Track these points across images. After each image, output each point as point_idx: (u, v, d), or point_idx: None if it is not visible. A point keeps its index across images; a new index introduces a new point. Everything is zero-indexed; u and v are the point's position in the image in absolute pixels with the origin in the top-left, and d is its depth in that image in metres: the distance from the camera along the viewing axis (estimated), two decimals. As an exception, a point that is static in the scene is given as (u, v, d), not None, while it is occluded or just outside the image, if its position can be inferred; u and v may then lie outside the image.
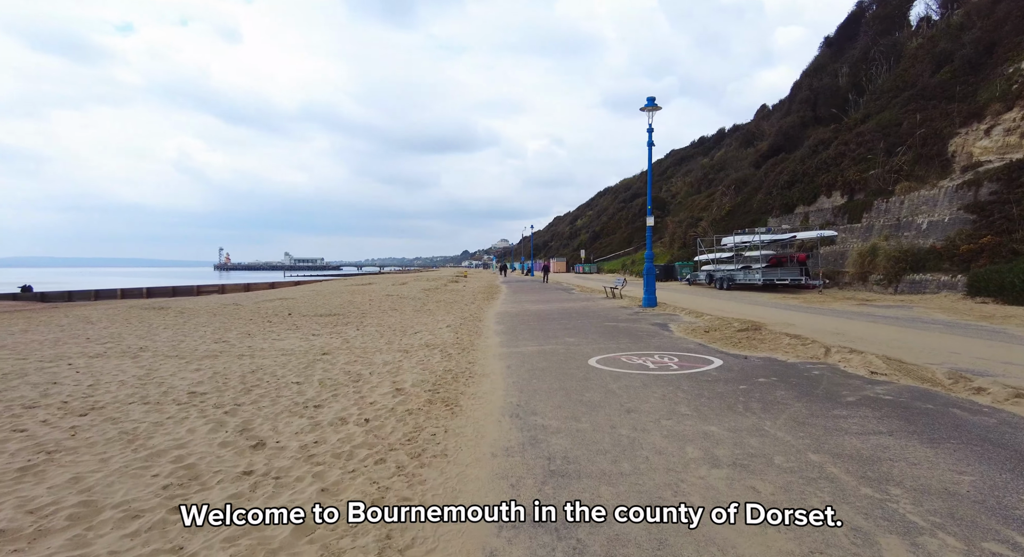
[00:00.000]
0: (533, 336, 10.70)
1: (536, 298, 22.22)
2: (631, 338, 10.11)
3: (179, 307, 20.44)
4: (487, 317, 14.92)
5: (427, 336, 11.11)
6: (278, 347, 9.93)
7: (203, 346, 10.08)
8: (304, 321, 14.56)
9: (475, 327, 12.58)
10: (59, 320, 15.62)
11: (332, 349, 9.57)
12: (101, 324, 14.17)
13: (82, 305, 27.70)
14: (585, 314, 14.79)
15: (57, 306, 33.06)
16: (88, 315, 17.17)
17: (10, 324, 14.64)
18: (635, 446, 4.20)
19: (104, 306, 23.08)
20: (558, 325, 12.40)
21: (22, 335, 12.13)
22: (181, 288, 55.45)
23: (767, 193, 35.69)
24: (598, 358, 8.09)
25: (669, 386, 6.20)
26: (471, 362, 8.08)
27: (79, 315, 17.33)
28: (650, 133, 16.35)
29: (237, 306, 21.15)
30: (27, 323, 14.91)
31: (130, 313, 17.62)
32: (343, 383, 6.77)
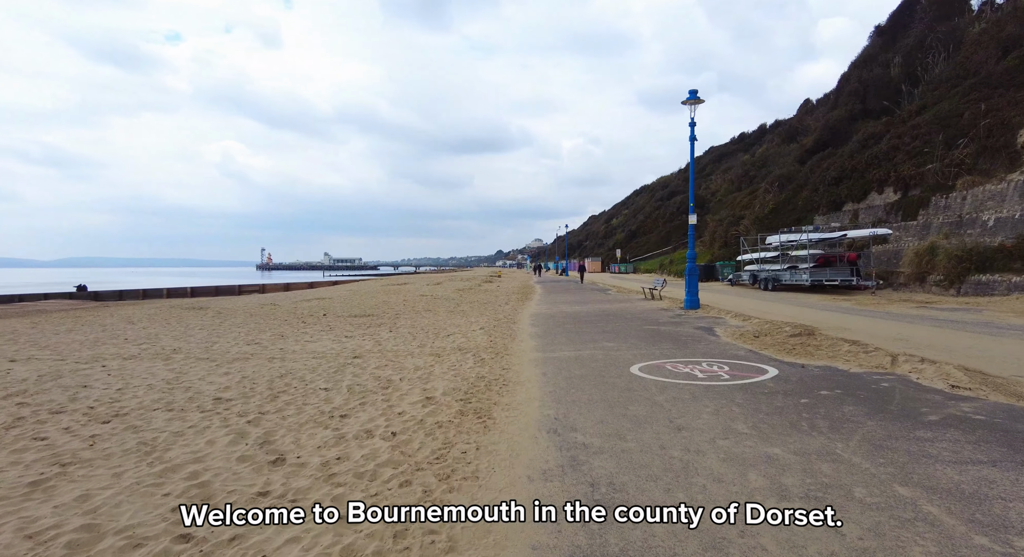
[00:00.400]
0: (569, 340, 10.25)
1: (571, 299, 21.71)
2: (674, 343, 9.56)
3: (218, 307, 20.73)
4: (521, 319, 14.53)
5: (460, 339, 10.78)
6: (310, 349, 9.75)
7: (235, 348, 9.99)
8: (338, 322, 14.45)
9: (509, 329, 12.20)
10: (104, 320, 15.93)
11: (364, 352, 9.33)
12: (141, 324, 14.36)
13: (128, 305, 28.52)
14: (623, 316, 14.25)
15: (108, 305, 34.20)
16: (131, 315, 17.51)
17: (58, 323, 15.00)
18: (689, 471, 3.73)
19: (148, 306, 23.64)
20: (595, 328, 11.91)
21: (66, 335, 12.34)
22: (224, 287, 56.95)
23: (813, 190, 34.26)
24: (640, 365, 7.59)
25: (722, 399, 5.68)
26: (505, 368, 7.69)
27: (123, 315, 17.69)
28: (692, 127, 15.68)
29: (274, 306, 21.33)
30: (74, 323, 15.25)
31: (170, 313, 17.89)
32: (372, 390, 6.47)
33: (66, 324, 14.73)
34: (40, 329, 13.51)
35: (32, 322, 15.74)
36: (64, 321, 15.72)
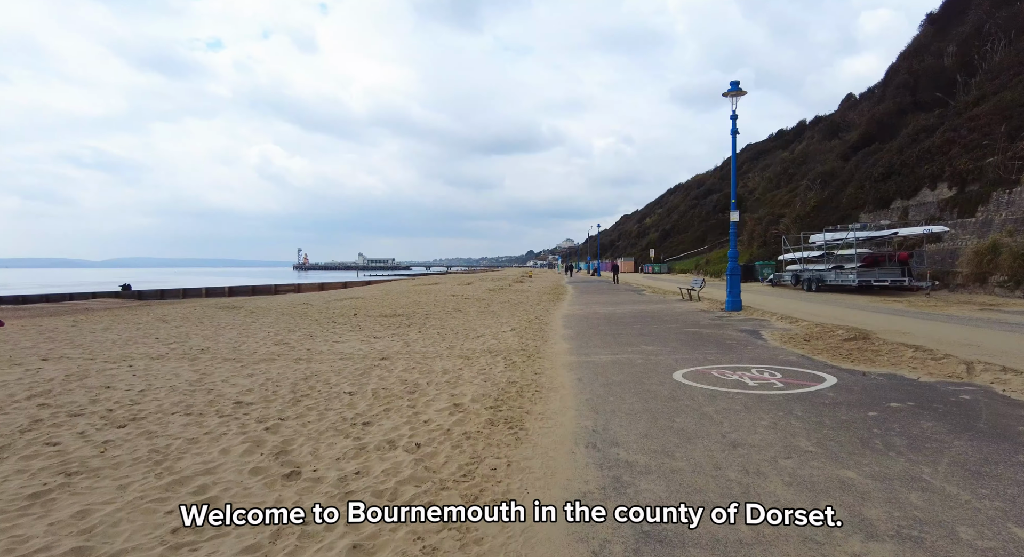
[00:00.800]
0: (605, 343, 9.76)
1: (605, 300, 21.13)
2: (719, 347, 8.97)
3: (252, 306, 20.87)
4: (553, 320, 14.07)
5: (490, 340, 10.40)
6: (338, 350, 9.52)
7: (263, 348, 9.82)
8: (368, 322, 14.25)
9: (541, 331, 11.76)
10: (140, 318, 16.12)
11: (391, 354, 9.04)
12: (174, 323, 14.43)
13: (167, 303, 29.12)
14: (661, 318, 13.65)
15: (149, 304, 35.10)
16: (166, 313, 17.71)
17: (96, 322, 15.22)
18: (751, 497, 3.25)
19: (185, 304, 24.01)
20: (632, 330, 11.37)
21: (102, 333, 12.43)
22: (260, 287, 58.07)
23: (858, 187, 32.82)
24: (684, 371, 7.07)
25: (778, 410, 5.14)
26: (537, 372, 7.27)
27: (158, 313, 17.91)
28: (734, 120, 14.97)
29: (307, 305, 21.38)
30: (111, 321, 15.45)
31: (204, 312, 18.05)
32: (398, 395, 6.13)
33: (103, 323, 14.93)
34: (79, 328, 13.69)
35: (73, 320, 16.03)
36: (103, 320, 15.96)
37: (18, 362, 8.31)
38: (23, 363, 8.26)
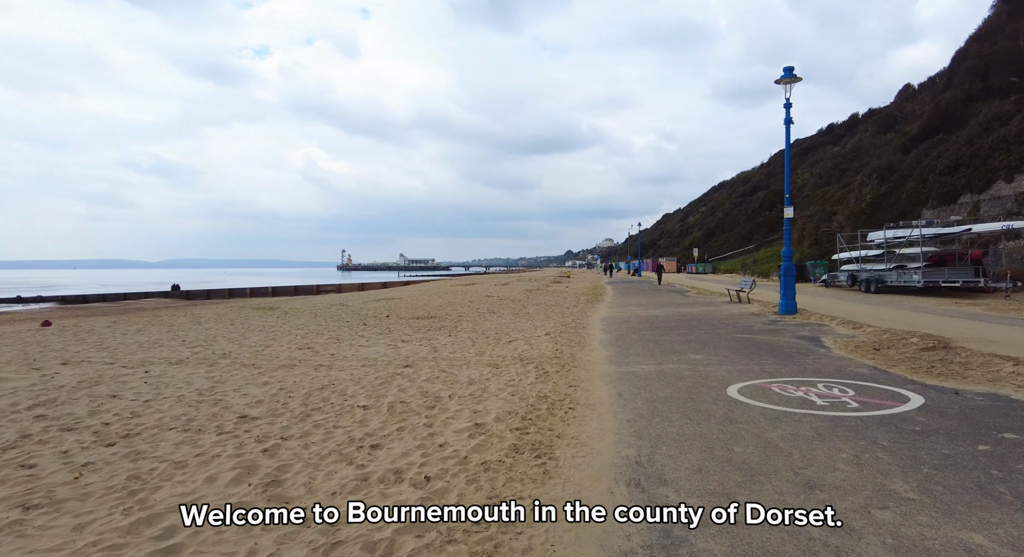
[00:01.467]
0: (648, 350, 8.95)
1: (646, 301, 20.17)
2: (776, 356, 8.04)
3: (288, 307, 20.79)
4: (591, 323, 13.29)
5: (523, 346, 9.72)
6: (362, 355, 9.02)
7: (286, 353, 9.42)
8: (398, 324, 13.79)
9: (577, 336, 11.01)
10: (176, 320, 16.13)
11: (417, 360, 8.47)
12: (206, 324, 14.31)
13: (207, 304, 29.58)
14: (709, 322, 12.69)
15: (195, 303, 35.89)
16: (201, 315, 17.73)
17: (132, 324, 15.26)
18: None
19: (223, 305, 24.19)
20: (677, 336, 10.49)
21: (133, 335, 12.34)
22: (303, 287, 59.06)
23: (920, 181, 30.76)
24: (740, 386, 6.23)
25: (858, 438, 4.29)
26: (572, 385, 6.55)
27: (195, 314, 17.95)
28: (788, 109, 13.87)
29: (343, 306, 21.18)
30: (147, 322, 15.49)
31: (240, 313, 17.99)
32: (415, 410, 5.52)
33: (139, 324, 14.95)
34: (113, 329, 13.70)
35: (113, 321, 16.17)
36: (139, 321, 16.03)
37: (38, 366, 8.11)
38: (43, 367, 8.05)
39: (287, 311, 18.47)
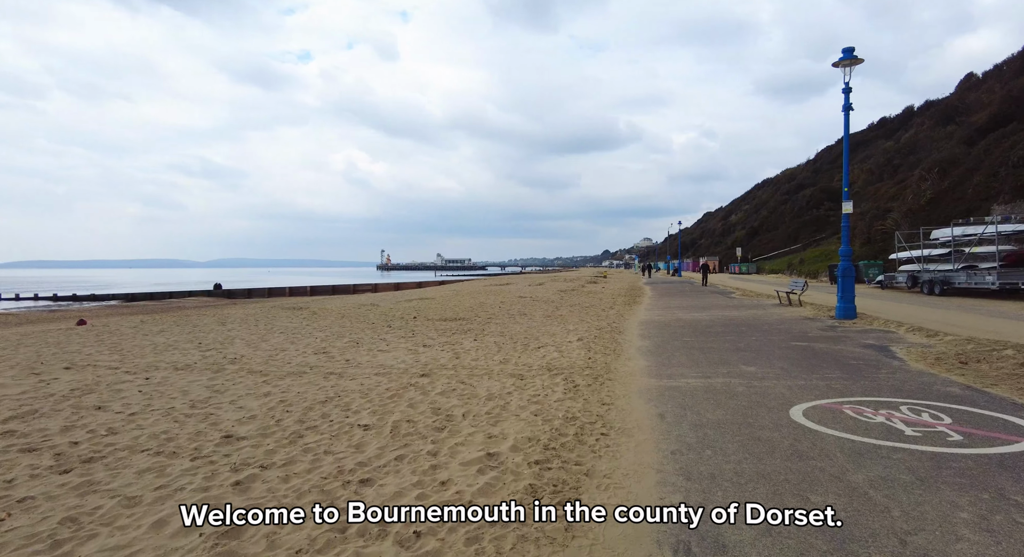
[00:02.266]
0: (692, 359, 7.99)
1: (688, 304, 19.02)
2: (843, 370, 6.99)
3: (319, 307, 20.47)
4: (628, 327, 12.35)
5: (552, 353, 8.89)
6: (378, 362, 8.35)
7: (299, 358, 8.83)
8: (424, 326, 13.14)
9: (613, 341, 10.11)
10: (202, 320, 15.91)
11: (435, 368, 7.74)
12: (230, 325, 13.98)
13: (240, 303, 29.71)
14: (759, 327, 11.59)
15: (234, 302, 36.31)
16: (230, 315, 17.50)
17: (156, 324, 15.09)
18: None
19: (256, 305, 24.08)
20: (725, 343, 9.48)
21: (154, 336, 12.05)
22: (340, 287, 59.62)
23: (989, 175, 28.51)
24: (805, 407, 5.26)
25: (978, 489, 3.31)
26: (606, 402, 5.69)
27: (223, 315, 17.75)
28: (847, 94, 12.62)
29: (374, 307, 20.76)
30: (172, 322, 15.29)
31: (267, 313, 17.70)
32: (421, 433, 4.77)
33: (164, 324, 14.74)
34: (137, 330, 13.48)
35: (141, 320, 16.08)
36: (166, 321, 15.86)
37: (39, 371, 7.72)
38: (44, 372, 7.66)
39: (315, 312, 18.10)
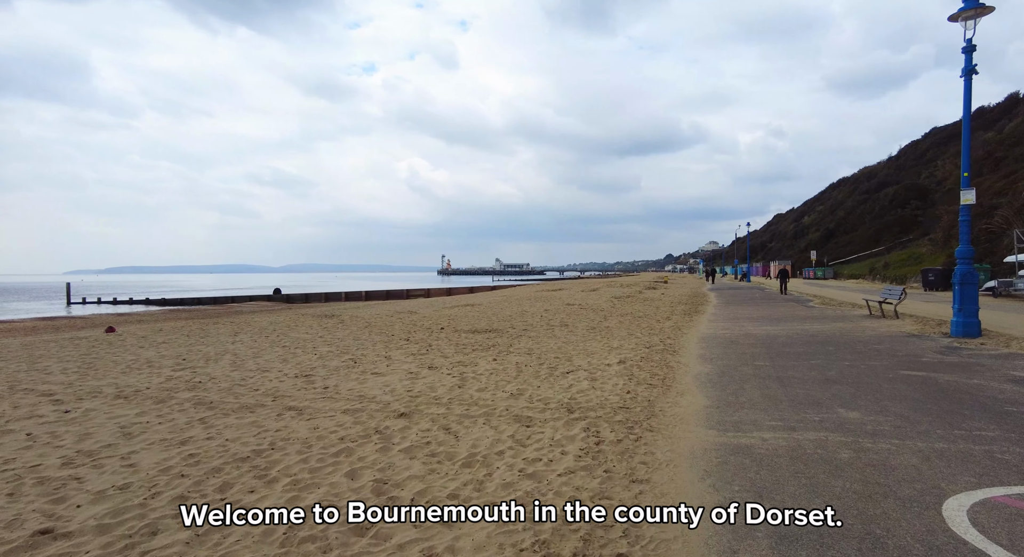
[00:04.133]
0: (768, 395, 5.88)
1: (759, 314, 16.50)
2: (999, 421, 4.71)
3: (349, 315, 19.31)
4: (686, 344, 10.23)
5: (582, 381, 6.98)
6: (362, 391, 6.73)
7: (272, 383, 7.32)
8: (446, 340, 11.49)
9: (663, 365, 8.07)
10: (219, 328, 14.95)
11: (424, 403, 6.03)
12: (239, 337, 12.84)
13: (276, 310, 29.17)
14: (850, 345, 9.21)
15: (290, 307, 36.02)
16: (249, 323, 16.49)
17: (166, 333, 14.20)
18: None
19: (286, 313, 23.14)
20: (811, 369, 7.25)
21: (148, 349, 11.02)
22: (394, 292, 59.53)
23: None
24: (969, 502, 3.16)
25: None
26: (638, 479, 3.76)
27: (244, 323, 16.78)
28: (969, 54, 10.02)
29: (410, 314, 19.45)
30: (182, 332, 14.38)
31: (294, 322, 16.60)
32: (331, 544, 3.03)
33: (171, 335, 13.80)
34: (142, 340, 12.57)
35: (158, 328, 15.31)
36: (180, 330, 14.97)
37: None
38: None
39: (344, 321, 16.86)
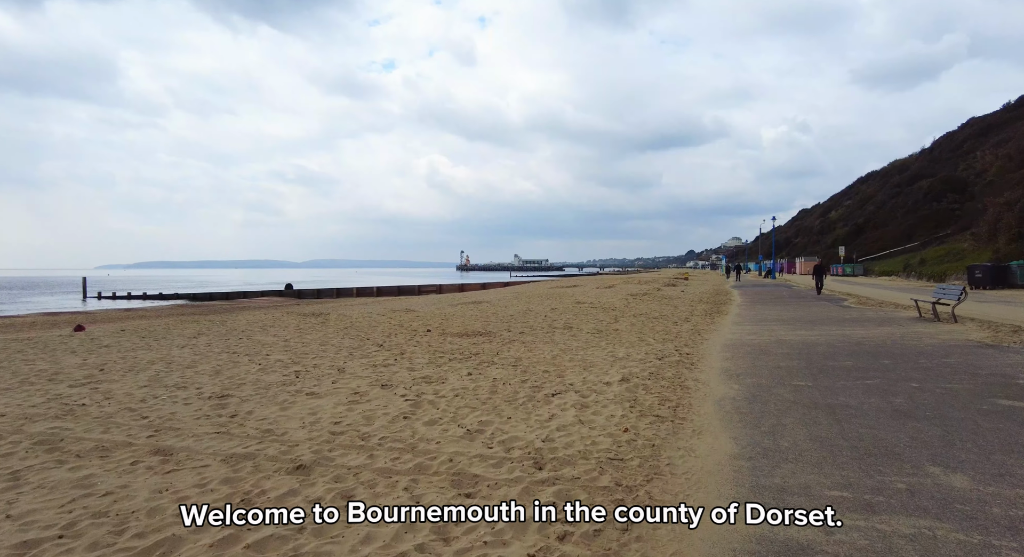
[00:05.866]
0: (820, 441, 4.14)
1: (789, 315, 14.62)
2: None
3: (339, 313, 17.85)
4: (706, 354, 8.49)
5: (570, 408, 5.32)
6: (277, 420, 5.18)
7: (172, 408, 5.78)
8: (425, 345, 9.91)
9: (677, 384, 6.37)
10: (186, 328, 13.57)
11: (348, 444, 4.44)
12: (200, 340, 11.42)
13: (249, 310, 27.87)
14: (910, 359, 7.38)
15: (298, 303, 35.01)
16: (221, 322, 15.09)
17: (131, 333, 12.84)
18: None
19: (270, 312, 21.63)
20: (869, 393, 5.48)
21: (75, 355, 9.63)
22: (406, 287, 58.46)
23: None
24: None
25: None
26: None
27: (215, 322, 15.38)
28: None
29: (406, 312, 17.98)
30: (148, 331, 13.03)
31: (270, 321, 15.18)
32: None
33: (132, 337, 12.44)
34: (87, 344, 11.21)
35: (121, 328, 14.00)
36: (151, 328, 13.61)
37: None
38: None
39: (327, 320, 15.39)
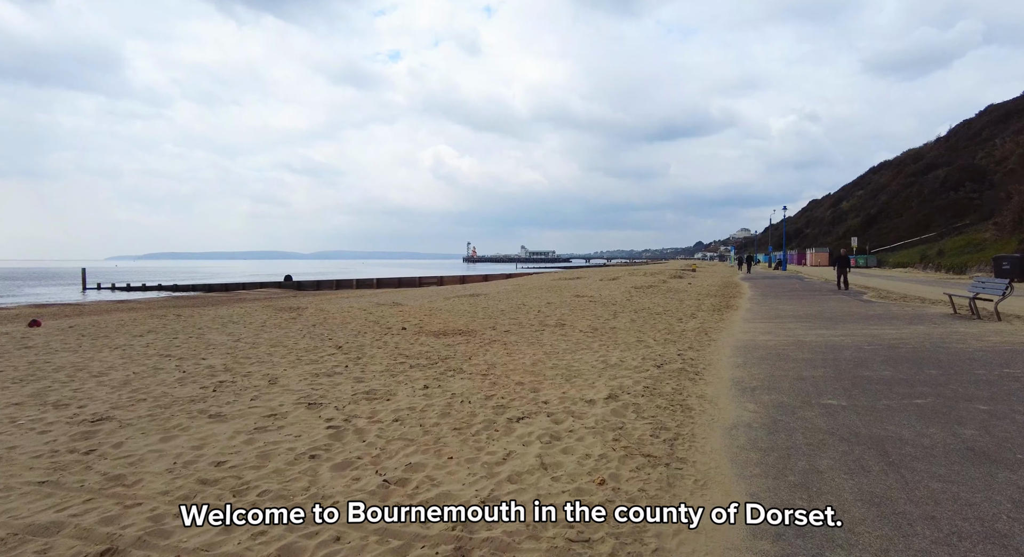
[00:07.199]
0: (879, 505, 2.83)
1: (805, 310, 13.25)
2: None
3: (316, 308, 16.63)
4: (714, 359, 7.18)
5: (534, 443, 4.06)
6: (147, 457, 3.98)
7: (23, 437, 4.58)
8: (391, 347, 8.66)
9: (678, 403, 5.08)
10: (141, 326, 12.41)
11: (203, 503, 3.20)
12: (146, 339, 10.24)
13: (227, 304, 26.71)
14: (964, 369, 6.05)
15: (295, 294, 33.82)
16: (197, 315, 13.91)
17: (95, 326, 11.68)
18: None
19: (246, 305, 20.24)
20: (925, 419, 4.17)
21: (31, 355, 8.46)
22: (406, 279, 57.29)
23: None
24: None
25: None
26: None
27: (188, 316, 14.21)
28: None
29: (391, 306, 16.78)
30: (75, 330, 11.86)
31: (248, 314, 13.99)
32: None
33: (73, 335, 11.28)
34: (43, 343, 10.06)
35: (71, 324, 12.86)
36: (104, 324, 12.44)
37: None
38: None
39: (300, 315, 14.18)
